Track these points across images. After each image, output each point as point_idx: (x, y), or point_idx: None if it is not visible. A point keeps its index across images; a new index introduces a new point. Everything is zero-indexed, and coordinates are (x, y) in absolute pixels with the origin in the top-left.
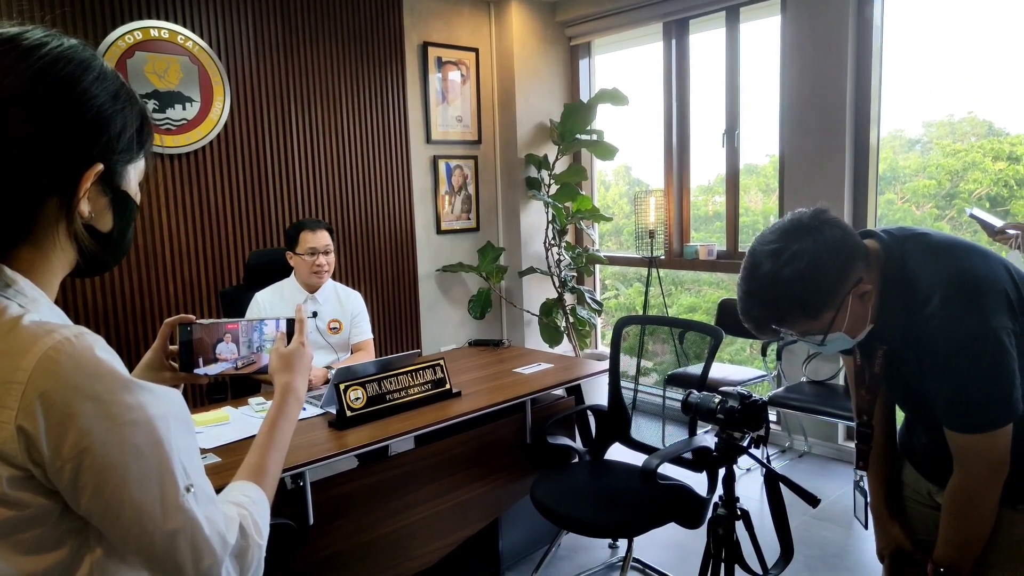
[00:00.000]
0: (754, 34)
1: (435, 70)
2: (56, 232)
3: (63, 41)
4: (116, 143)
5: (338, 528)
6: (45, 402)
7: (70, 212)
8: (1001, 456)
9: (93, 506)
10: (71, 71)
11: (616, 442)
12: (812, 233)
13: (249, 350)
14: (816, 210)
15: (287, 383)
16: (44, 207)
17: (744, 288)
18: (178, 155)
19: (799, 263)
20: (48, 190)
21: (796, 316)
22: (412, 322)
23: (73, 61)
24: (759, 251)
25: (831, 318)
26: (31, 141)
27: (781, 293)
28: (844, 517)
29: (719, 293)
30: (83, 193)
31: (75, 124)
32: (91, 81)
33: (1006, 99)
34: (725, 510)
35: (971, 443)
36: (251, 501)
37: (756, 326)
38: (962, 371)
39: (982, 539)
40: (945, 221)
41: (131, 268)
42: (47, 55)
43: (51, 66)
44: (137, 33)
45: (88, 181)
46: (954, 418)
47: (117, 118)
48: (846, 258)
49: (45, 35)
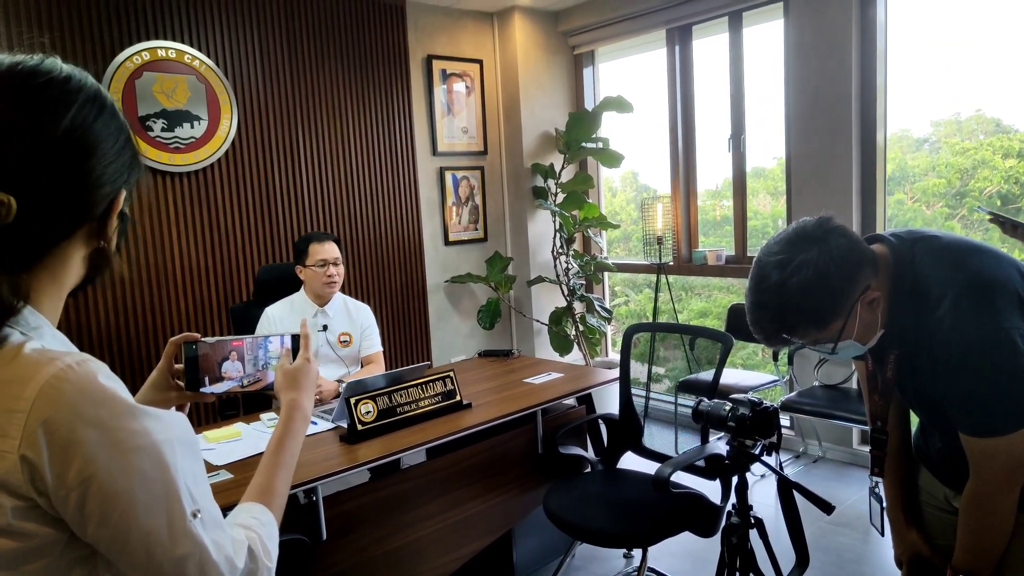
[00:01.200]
0: (757, 38)
1: (440, 82)
2: (73, 255)
3: (87, 77)
4: (130, 166)
5: (351, 543)
6: (48, 430)
7: (100, 238)
8: (1017, 460)
9: (100, 534)
10: (104, 100)
11: (628, 451)
12: (817, 243)
13: (255, 368)
14: (821, 219)
15: (293, 400)
16: (75, 234)
17: (752, 300)
18: (187, 173)
19: (805, 274)
20: (86, 219)
21: (805, 326)
22: (422, 334)
23: (100, 91)
24: (765, 262)
25: (840, 327)
26: (74, 174)
27: (788, 304)
28: (860, 522)
29: (730, 298)
30: (115, 216)
31: (114, 152)
32: (114, 110)
33: (1013, 96)
34: (739, 518)
35: (986, 447)
36: (259, 523)
37: (766, 337)
38: (974, 374)
39: (1000, 545)
40: (956, 220)
41: (142, 286)
42: (83, 88)
43: (94, 99)
44: (145, 54)
45: (119, 207)
46: (967, 422)
47: (131, 143)
48: (852, 266)
49: (71, 70)
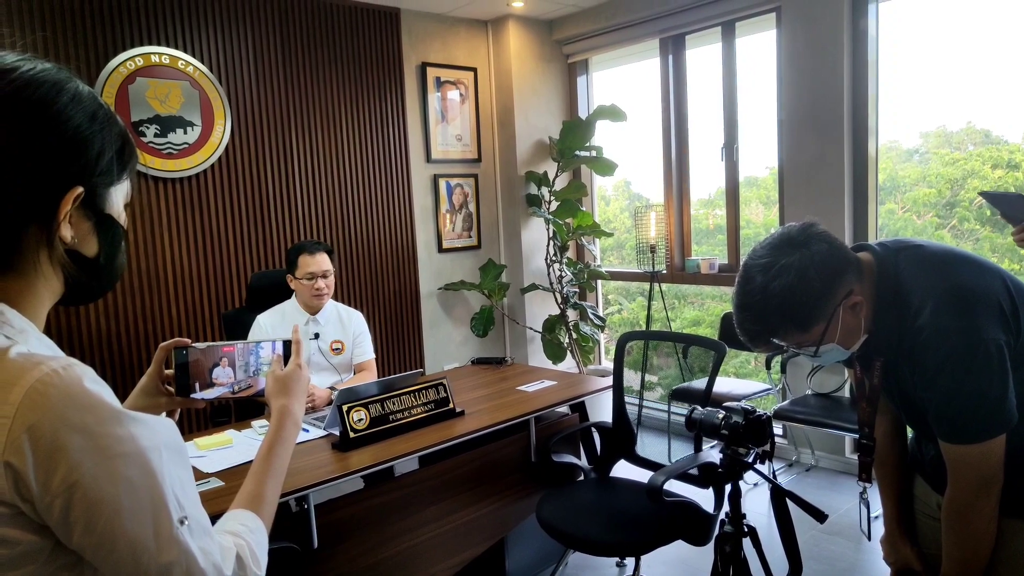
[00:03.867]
0: (750, 48)
1: (434, 90)
2: (39, 260)
3: (36, 64)
4: (95, 165)
5: (343, 551)
6: (33, 436)
7: (51, 238)
8: (992, 468)
9: (85, 541)
10: (44, 93)
11: (621, 459)
12: (800, 248)
13: (246, 374)
14: (805, 224)
15: (284, 406)
16: (25, 234)
17: (737, 302)
18: (180, 179)
19: (787, 277)
20: (27, 216)
21: (787, 328)
22: (414, 341)
23: (46, 83)
24: (751, 265)
25: (822, 330)
26: (5, 166)
27: (771, 306)
28: (853, 531)
29: (722, 306)
30: (63, 217)
31: (50, 147)
32: (65, 103)
33: (1003, 108)
34: (732, 527)
35: (961, 454)
36: (248, 530)
37: (750, 339)
38: (952, 381)
39: (982, 552)
40: (947, 230)
41: (134, 292)
42: (18, 78)
43: (22, 89)
44: (138, 59)
45: (67, 205)
46: (945, 428)
47: (95, 139)
48: (833, 271)
49: (18, 59)
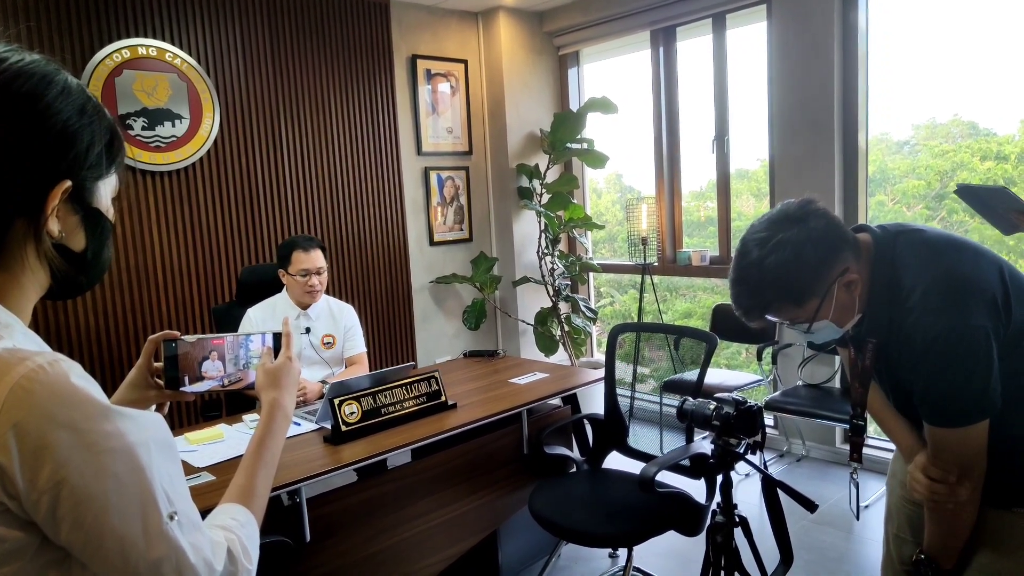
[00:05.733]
0: (741, 40)
1: (424, 82)
2: (26, 254)
3: (24, 56)
4: (84, 159)
5: (335, 544)
6: (19, 433)
7: (38, 232)
8: (972, 453)
9: (73, 538)
10: (33, 85)
11: (613, 450)
12: (797, 223)
13: (236, 367)
14: (803, 200)
15: (274, 399)
16: (12, 228)
17: (733, 276)
18: (168, 172)
19: (783, 252)
20: (14, 210)
21: (782, 303)
22: (406, 334)
23: (35, 76)
24: (748, 239)
25: (817, 306)
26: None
27: (766, 280)
28: (843, 521)
29: (714, 298)
30: (51, 211)
31: (38, 140)
32: (54, 96)
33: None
34: (723, 517)
35: (941, 437)
36: (239, 524)
37: (745, 313)
38: (934, 366)
39: (960, 535)
40: (936, 221)
41: (122, 287)
42: (6, 70)
43: (11, 81)
44: (125, 51)
45: (55, 199)
46: (927, 410)
47: (84, 133)
48: (829, 247)
49: (5, 50)
